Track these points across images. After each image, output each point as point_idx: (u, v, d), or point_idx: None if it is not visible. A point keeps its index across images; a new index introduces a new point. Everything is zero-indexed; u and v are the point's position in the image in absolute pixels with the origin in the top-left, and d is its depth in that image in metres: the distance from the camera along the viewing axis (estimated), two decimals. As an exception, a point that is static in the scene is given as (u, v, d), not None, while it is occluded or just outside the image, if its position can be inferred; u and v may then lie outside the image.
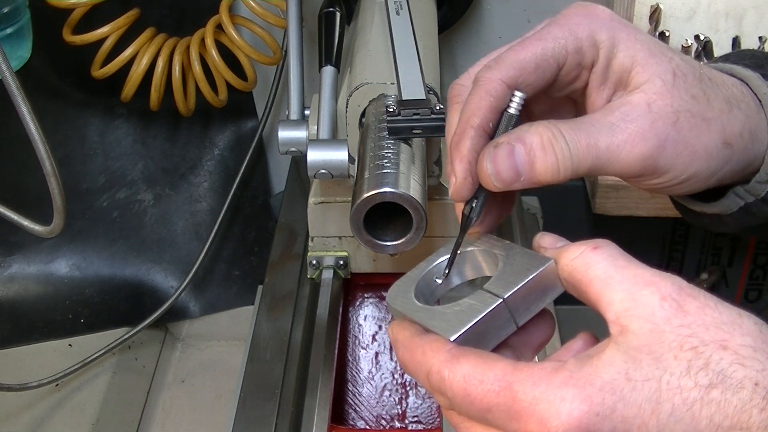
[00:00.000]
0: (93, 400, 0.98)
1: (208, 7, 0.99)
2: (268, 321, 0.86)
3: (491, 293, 0.45)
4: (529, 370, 0.40)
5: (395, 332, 0.47)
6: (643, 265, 0.41)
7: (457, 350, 0.43)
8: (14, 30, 0.84)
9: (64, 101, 1.08)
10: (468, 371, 0.41)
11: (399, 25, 0.75)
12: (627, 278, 0.41)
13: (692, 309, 0.39)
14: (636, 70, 0.48)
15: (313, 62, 0.91)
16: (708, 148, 0.49)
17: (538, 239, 0.47)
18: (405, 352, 0.45)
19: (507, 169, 0.47)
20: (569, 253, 0.43)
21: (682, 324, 0.39)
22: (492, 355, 0.42)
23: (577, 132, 0.47)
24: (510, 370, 0.40)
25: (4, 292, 1.07)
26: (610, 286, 0.41)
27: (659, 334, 0.38)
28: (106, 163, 1.11)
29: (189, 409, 1.03)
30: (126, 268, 1.12)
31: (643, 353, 0.38)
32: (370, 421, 0.83)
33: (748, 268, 1.18)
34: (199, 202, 1.15)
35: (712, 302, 0.40)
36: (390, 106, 0.65)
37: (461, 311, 0.45)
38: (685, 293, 0.40)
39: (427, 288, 0.50)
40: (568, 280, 0.44)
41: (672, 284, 0.40)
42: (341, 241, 0.85)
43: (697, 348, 0.38)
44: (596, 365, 0.39)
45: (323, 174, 0.73)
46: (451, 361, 0.42)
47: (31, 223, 0.73)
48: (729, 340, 0.38)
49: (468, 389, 0.41)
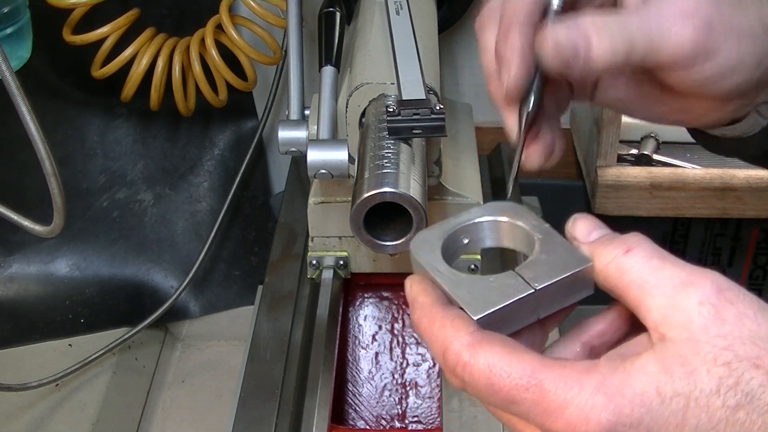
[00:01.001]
0: (93, 400, 0.98)
1: (208, 7, 1.00)
2: (268, 321, 0.86)
3: (523, 279, 0.43)
4: (560, 368, 0.39)
5: (415, 292, 0.45)
6: (678, 262, 0.40)
7: (480, 335, 0.41)
8: (14, 30, 0.84)
9: (64, 101, 1.08)
10: (493, 361, 0.40)
11: (399, 25, 0.75)
12: (663, 281, 0.40)
13: (730, 317, 0.38)
14: None
15: (313, 62, 0.91)
16: (752, 29, 0.49)
17: (570, 226, 0.45)
18: (422, 318, 0.43)
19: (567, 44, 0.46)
20: (602, 256, 0.42)
21: (718, 334, 0.38)
22: (518, 346, 0.41)
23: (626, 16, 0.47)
24: (539, 366, 0.39)
25: (4, 292, 1.07)
26: (647, 291, 0.40)
27: (695, 343, 0.38)
28: (106, 163, 1.11)
29: (189, 409, 1.03)
30: (126, 268, 1.12)
31: (676, 365, 0.38)
32: (370, 421, 0.83)
33: (748, 268, 1.18)
34: (199, 202, 1.15)
35: (751, 310, 0.38)
36: (390, 106, 0.65)
37: (489, 289, 0.43)
38: (724, 297, 0.39)
39: (452, 245, 0.48)
40: (603, 285, 0.43)
41: (711, 284, 0.39)
42: (341, 241, 0.85)
43: (730, 363, 0.38)
44: (629, 372, 0.39)
45: (323, 174, 0.73)
46: (474, 346, 0.40)
47: (31, 223, 0.73)
48: (763, 358, 0.37)
49: (492, 380, 0.40)
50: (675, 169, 1.06)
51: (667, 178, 1.03)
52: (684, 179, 1.03)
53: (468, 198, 0.80)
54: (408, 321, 0.89)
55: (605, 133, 1.00)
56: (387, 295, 0.90)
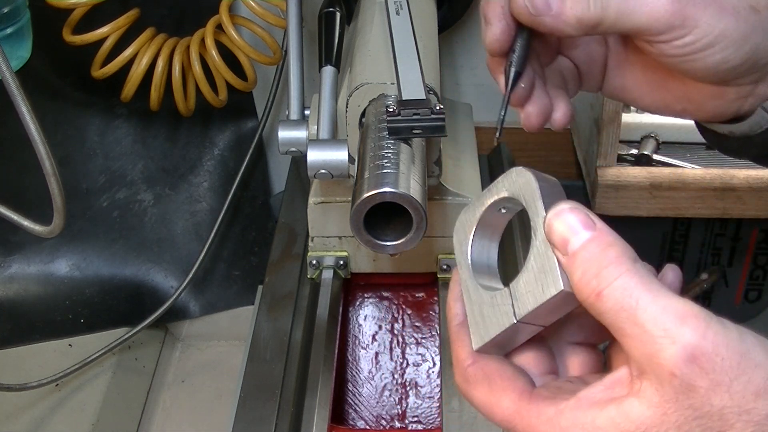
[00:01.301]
0: (93, 400, 0.98)
1: (208, 7, 1.00)
2: (268, 321, 0.86)
3: (512, 303, 0.44)
4: (528, 416, 0.43)
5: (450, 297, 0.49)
6: (652, 308, 0.37)
7: (472, 370, 0.46)
8: (14, 30, 0.84)
9: (64, 101, 1.08)
10: (482, 401, 0.45)
11: (399, 25, 0.75)
12: (637, 335, 0.38)
13: (702, 389, 0.37)
14: None
15: (313, 62, 0.91)
16: (735, 6, 0.49)
17: (547, 226, 0.41)
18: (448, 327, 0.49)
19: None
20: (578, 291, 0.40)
21: (687, 406, 0.37)
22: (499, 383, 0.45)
23: None
24: (513, 412, 0.43)
25: (4, 292, 1.07)
26: (625, 340, 0.38)
27: (662, 415, 0.38)
28: (106, 163, 1.11)
29: (189, 409, 1.03)
30: (126, 268, 1.12)
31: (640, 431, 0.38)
32: (370, 421, 0.83)
33: (748, 268, 1.18)
34: (199, 202, 1.15)
35: (726, 378, 0.36)
36: (390, 106, 0.65)
37: (491, 312, 0.45)
38: (696, 366, 0.36)
39: (490, 216, 0.48)
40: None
41: (683, 352, 0.36)
42: (341, 241, 0.85)
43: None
44: (592, 421, 0.40)
45: (323, 174, 0.73)
46: (467, 383, 0.46)
47: (31, 223, 0.73)
48: (727, 430, 0.37)
49: (486, 413, 0.45)
50: (675, 169, 1.06)
51: (667, 178, 1.03)
52: (684, 179, 1.03)
53: (468, 198, 0.80)
54: (408, 321, 0.89)
55: (605, 133, 1.00)
56: (387, 295, 0.90)
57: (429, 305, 0.89)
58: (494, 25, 0.51)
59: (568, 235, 0.40)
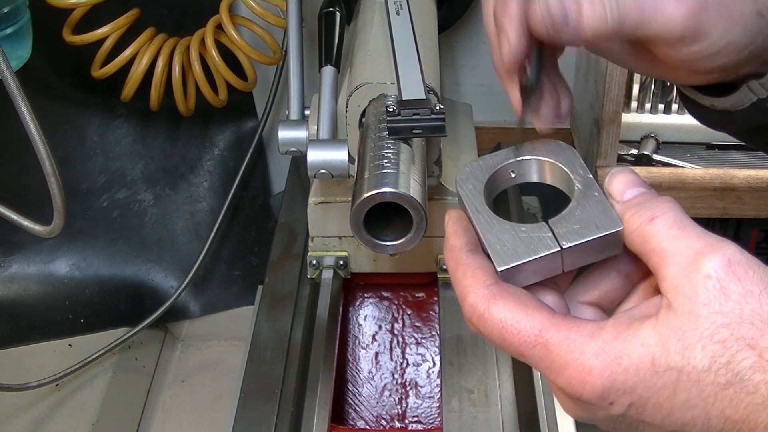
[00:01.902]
0: (93, 400, 0.98)
1: (208, 7, 1.00)
2: (268, 321, 0.86)
3: (553, 234, 0.45)
4: (566, 329, 0.42)
5: (449, 231, 0.48)
6: (699, 232, 0.42)
7: (497, 288, 0.44)
8: (14, 30, 0.84)
9: (64, 101, 1.08)
10: (505, 317, 0.43)
11: (399, 25, 0.75)
12: (679, 250, 0.41)
13: (734, 294, 0.39)
14: None
15: (313, 62, 0.91)
16: (744, 15, 0.50)
17: (608, 181, 0.46)
18: (450, 261, 0.47)
19: (558, 10, 0.48)
20: (630, 222, 0.44)
21: (719, 311, 0.39)
22: (531, 302, 0.44)
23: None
24: (547, 325, 0.42)
25: (4, 292, 1.07)
26: (664, 259, 0.42)
27: (695, 318, 0.40)
28: (106, 163, 1.11)
29: (189, 409, 1.04)
30: (126, 268, 1.12)
31: (673, 339, 0.40)
32: (370, 421, 0.83)
33: (748, 268, 1.18)
34: (199, 202, 1.15)
35: (758, 288, 0.39)
36: (390, 106, 0.65)
37: (519, 239, 0.46)
38: (732, 272, 0.40)
39: (500, 177, 0.50)
40: (630, 248, 0.45)
41: (722, 258, 0.40)
42: (341, 241, 0.85)
43: (725, 342, 0.39)
44: (629, 341, 0.41)
45: (323, 174, 0.73)
46: (489, 300, 0.43)
47: (31, 223, 0.73)
48: (758, 339, 0.39)
49: (503, 334, 0.43)
50: (675, 169, 1.06)
51: (667, 178, 1.03)
52: (684, 179, 1.03)
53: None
54: (408, 321, 0.89)
55: (605, 133, 1.00)
56: (387, 295, 0.90)
57: (429, 305, 0.89)
58: (512, 38, 0.50)
59: (626, 188, 0.45)
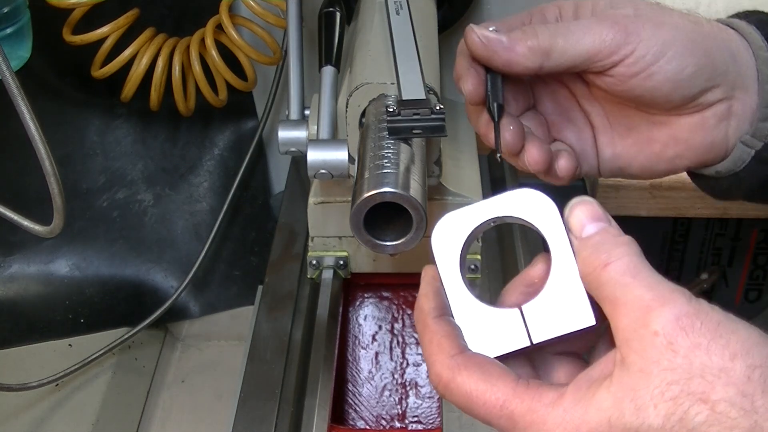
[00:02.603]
0: (93, 400, 0.98)
1: (208, 7, 0.99)
2: (268, 321, 0.86)
3: (525, 325, 0.45)
4: (529, 399, 0.43)
5: (421, 291, 0.48)
6: (649, 280, 0.41)
7: (462, 359, 0.45)
8: (14, 30, 0.83)
9: (64, 101, 1.08)
10: (470, 387, 0.44)
11: (399, 25, 0.75)
12: (630, 302, 0.41)
13: (682, 348, 0.39)
14: (596, 2, 0.55)
15: (313, 62, 0.91)
16: (674, 22, 0.53)
17: (568, 211, 0.46)
18: (418, 322, 0.48)
19: (492, 35, 0.53)
20: (585, 266, 0.44)
21: (668, 367, 0.39)
22: (494, 371, 0.44)
23: (555, 24, 0.55)
24: (510, 396, 0.43)
25: (4, 292, 1.07)
26: (616, 310, 0.42)
27: (646, 376, 0.40)
28: (106, 163, 1.11)
29: (189, 409, 1.03)
30: (126, 268, 1.12)
31: (626, 400, 0.40)
32: (370, 421, 0.83)
33: (748, 268, 1.18)
34: (199, 202, 1.15)
35: (705, 340, 0.39)
36: (390, 106, 0.65)
37: (491, 328, 0.46)
38: (679, 326, 0.39)
39: (479, 228, 0.48)
40: (586, 288, 0.45)
41: (669, 312, 0.40)
42: (341, 241, 0.85)
43: (677, 398, 0.39)
44: (587, 408, 0.41)
45: (323, 174, 0.73)
46: (453, 370, 0.44)
47: (31, 223, 0.73)
48: (709, 393, 0.38)
49: (469, 404, 0.44)
50: (675, 169, 1.06)
51: (667, 178, 1.03)
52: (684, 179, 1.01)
53: (468, 198, 0.80)
54: (408, 321, 0.89)
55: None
56: (387, 295, 0.90)
57: (429, 305, 0.88)
58: (465, 76, 0.55)
59: (587, 222, 0.44)
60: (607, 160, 0.60)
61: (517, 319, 0.46)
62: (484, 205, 0.47)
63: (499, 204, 0.47)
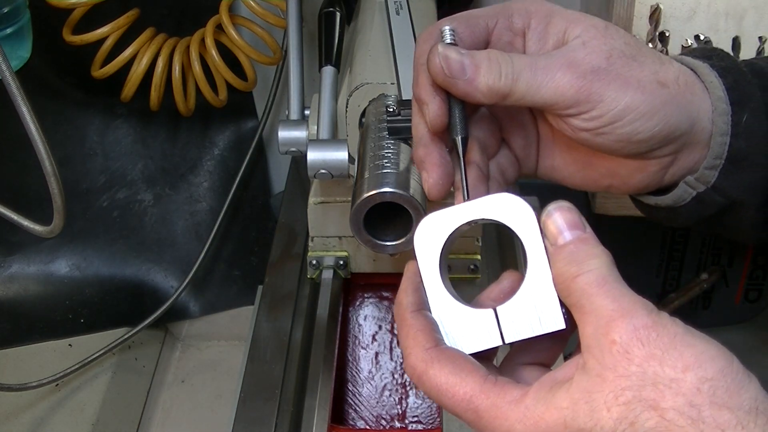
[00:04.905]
0: (93, 400, 0.98)
1: (208, 7, 1.00)
2: (268, 321, 0.86)
3: (498, 325, 0.47)
4: (494, 396, 0.45)
5: (400, 288, 0.50)
6: (615, 292, 0.43)
7: (435, 352, 0.47)
8: (14, 30, 0.84)
9: (64, 101, 1.08)
10: (441, 380, 0.46)
11: (399, 25, 0.75)
12: (595, 311, 0.43)
13: (638, 357, 0.41)
14: (570, 27, 0.53)
15: (313, 62, 0.91)
16: (641, 81, 0.52)
17: (545, 217, 0.47)
18: (396, 317, 0.50)
19: (455, 62, 0.51)
20: (559, 273, 0.45)
21: (623, 374, 0.41)
22: (465, 366, 0.46)
23: (521, 56, 0.52)
24: (477, 391, 0.45)
25: (4, 292, 1.07)
26: (583, 317, 0.44)
27: (602, 381, 0.42)
28: (106, 163, 1.11)
29: (189, 409, 1.04)
30: (126, 268, 1.12)
31: (582, 402, 0.42)
32: (370, 421, 0.83)
33: (748, 268, 1.18)
34: (199, 202, 1.15)
35: (659, 351, 0.41)
36: (390, 106, 0.65)
37: (466, 327, 0.48)
38: (636, 337, 0.41)
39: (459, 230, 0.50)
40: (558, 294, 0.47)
41: (629, 324, 0.42)
42: (341, 241, 0.85)
43: (629, 403, 0.41)
44: (547, 406, 0.44)
45: (323, 174, 0.73)
46: (426, 363, 0.47)
47: (31, 223, 0.73)
48: (659, 401, 0.40)
49: (439, 396, 0.46)
50: (675, 169, 1.06)
51: (667, 178, 1.03)
52: (684, 179, 1.03)
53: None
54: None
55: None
56: (387, 295, 0.90)
57: (429, 305, 0.89)
58: (429, 103, 0.53)
59: (564, 228, 0.46)
60: (546, 168, 0.60)
61: (491, 319, 0.48)
62: (466, 207, 0.49)
63: (480, 207, 0.49)
